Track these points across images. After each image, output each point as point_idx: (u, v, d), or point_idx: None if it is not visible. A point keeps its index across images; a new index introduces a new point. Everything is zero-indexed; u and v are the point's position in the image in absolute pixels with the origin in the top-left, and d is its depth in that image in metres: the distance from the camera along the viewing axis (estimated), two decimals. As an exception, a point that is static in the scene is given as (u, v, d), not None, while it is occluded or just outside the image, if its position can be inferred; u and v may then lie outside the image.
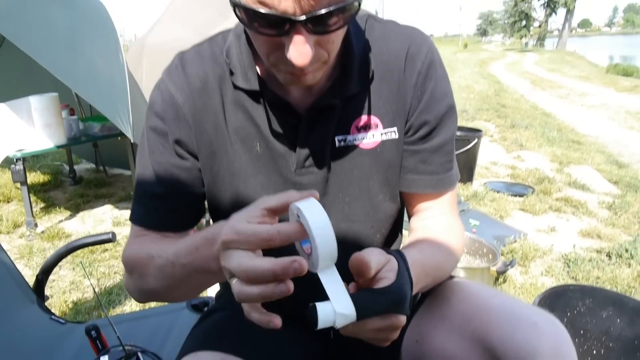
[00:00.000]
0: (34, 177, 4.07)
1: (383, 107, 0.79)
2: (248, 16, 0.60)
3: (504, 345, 0.70)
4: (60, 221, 3.06)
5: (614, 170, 4.73)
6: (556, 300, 1.24)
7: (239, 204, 0.79)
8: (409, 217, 0.90)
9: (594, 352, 1.30)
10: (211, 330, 0.86)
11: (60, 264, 1.53)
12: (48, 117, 2.84)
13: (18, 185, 3.13)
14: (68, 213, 3.19)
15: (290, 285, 0.50)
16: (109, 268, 2.35)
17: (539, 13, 50.64)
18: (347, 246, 0.84)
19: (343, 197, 0.82)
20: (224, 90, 0.79)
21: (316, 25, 0.59)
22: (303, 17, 0.57)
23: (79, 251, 2.23)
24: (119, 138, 3.22)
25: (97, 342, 1.16)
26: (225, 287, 1.01)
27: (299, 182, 0.80)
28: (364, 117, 0.79)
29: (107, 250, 2.53)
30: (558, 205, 3.33)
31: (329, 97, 0.75)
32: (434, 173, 0.83)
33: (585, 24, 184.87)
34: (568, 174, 4.28)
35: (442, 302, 0.82)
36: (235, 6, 0.60)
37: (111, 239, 1.47)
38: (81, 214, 3.20)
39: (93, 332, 1.16)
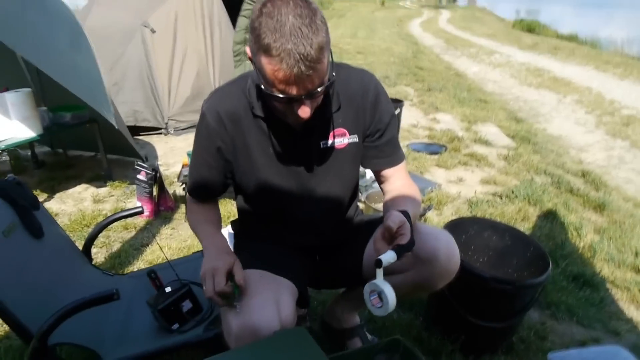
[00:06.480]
0: (-6, 165, 4.26)
1: (349, 122, 1.36)
2: (269, 95, 1.11)
3: (420, 248, 1.32)
4: (42, 203, 3.39)
5: (512, 125, 5.55)
6: (455, 228, 1.90)
7: (258, 185, 1.36)
8: (380, 183, 1.50)
9: (480, 259, 2.00)
10: (244, 261, 1.34)
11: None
12: (25, 110, 3.14)
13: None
14: (45, 195, 3.51)
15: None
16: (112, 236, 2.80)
17: (451, -31, 52.17)
18: (330, 204, 1.44)
19: (325, 176, 1.40)
20: (247, 116, 1.32)
21: (312, 96, 1.11)
22: (304, 96, 1.10)
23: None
24: (87, 125, 3.57)
25: (156, 281, 1.69)
26: (241, 225, 1.60)
27: (297, 171, 1.37)
28: (337, 129, 1.36)
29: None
30: (465, 160, 4.10)
31: (315, 119, 1.29)
32: (388, 156, 1.43)
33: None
34: (475, 132, 5.08)
35: None
36: (261, 88, 1.12)
37: (142, 211, 1.98)
38: (58, 195, 3.54)
39: (152, 274, 1.69)
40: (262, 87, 1.11)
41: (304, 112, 1.12)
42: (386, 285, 1.12)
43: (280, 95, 1.09)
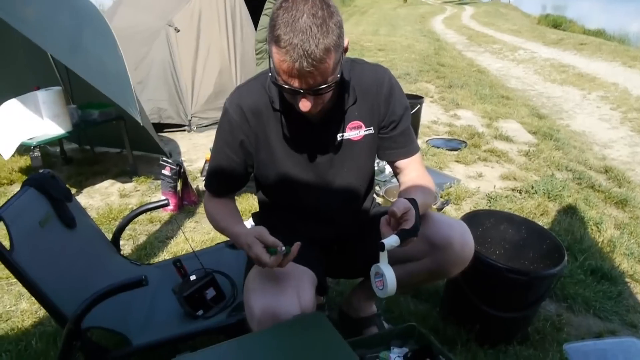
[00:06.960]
0: (25, 162, 4.40)
1: (364, 115, 1.42)
2: (278, 85, 1.18)
3: (435, 235, 1.37)
4: (72, 197, 3.52)
5: (534, 122, 5.51)
6: (471, 220, 1.92)
7: (277, 177, 1.41)
8: (396, 175, 1.54)
9: (497, 252, 2.03)
10: None
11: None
12: (56, 108, 3.27)
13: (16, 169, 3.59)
14: (74, 190, 3.64)
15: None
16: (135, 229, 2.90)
17: (474, -36, 51.38)
18: (347, 194, 1.49)
19: (342, 168, 1.45)
20: (268, 111, 1.38)
21: (314, 92, 1.16)
22: (304, 90, 1.15)
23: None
24: (114, 122, 3.69)
25: (181, 270, 1.77)
26: (261, 217, 1.66)
27: (315, 162, 1.42)
28: (353, 122, 1.41)
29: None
30: (485, 156, 4.10)
31: (331, 112, 1.36)
32: (402, 147, 1.47)
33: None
34: (496, 128, 5.06)
35: None
36: (273, 81, 1.18)
37: (167, 203, 2.06)
38: (86, 190, 3.66)
39: (178, 263, 1.77)
40: (270, 74, 1.19)
41: (304, 105, 1.18)
42: (388, 268, 1.17)
43: (284, 86, 1.15)
